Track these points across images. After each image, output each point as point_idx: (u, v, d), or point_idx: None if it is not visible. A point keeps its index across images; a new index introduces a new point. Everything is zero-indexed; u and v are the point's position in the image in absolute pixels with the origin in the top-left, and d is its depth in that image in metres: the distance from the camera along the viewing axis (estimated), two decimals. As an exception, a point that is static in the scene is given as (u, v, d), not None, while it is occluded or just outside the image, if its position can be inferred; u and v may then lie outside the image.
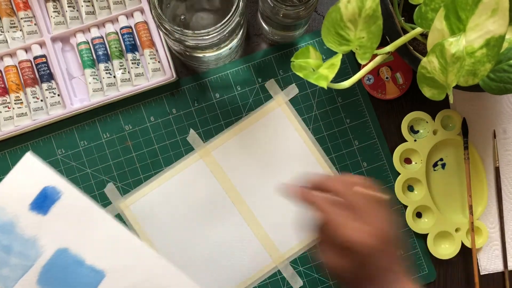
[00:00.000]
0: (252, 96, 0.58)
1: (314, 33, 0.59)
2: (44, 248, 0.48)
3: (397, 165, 0.57)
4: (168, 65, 0.56)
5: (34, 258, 0.48)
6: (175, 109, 0.57)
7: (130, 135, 0.57)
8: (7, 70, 0.55)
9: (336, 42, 0.43)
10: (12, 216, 0.48)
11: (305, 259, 0.57)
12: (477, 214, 0.58)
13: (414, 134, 0.58)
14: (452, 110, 0.58)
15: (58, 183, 0.49)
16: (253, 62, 0.58)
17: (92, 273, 0.48)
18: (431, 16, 0.39)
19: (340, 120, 0.58)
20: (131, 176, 0.57)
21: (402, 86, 0.58)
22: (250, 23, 0.59)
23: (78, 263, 0.48)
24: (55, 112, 0.55)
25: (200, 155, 0.57)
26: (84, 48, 0.56)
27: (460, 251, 0.57)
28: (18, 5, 0.55)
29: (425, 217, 0.58)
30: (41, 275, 0.47)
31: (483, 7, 0.34)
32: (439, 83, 0.40)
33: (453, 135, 0.58)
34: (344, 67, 0.58)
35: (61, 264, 0.47)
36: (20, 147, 0.56)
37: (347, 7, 0.40)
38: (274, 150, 0.57)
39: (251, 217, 0.57)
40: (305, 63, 0.44)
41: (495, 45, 0.35)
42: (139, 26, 0.56)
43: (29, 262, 0.47)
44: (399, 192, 0.57)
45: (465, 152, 0.57)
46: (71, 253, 0.48)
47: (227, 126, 0.58)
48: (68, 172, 0.56)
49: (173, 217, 0.57)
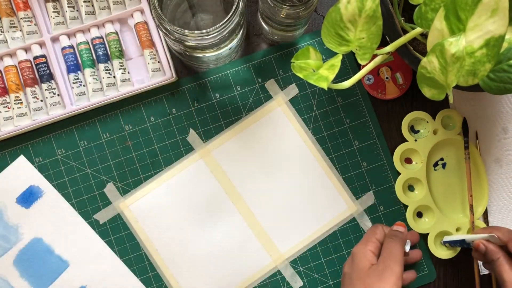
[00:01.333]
0: (252, 96, 0.58)
1: (314, 33, 0.59)
2: (23, 236, 0.56)
3: (398, 165, 0.57)
4: (168, 65, 0.56)
5: (14, 242, 0.56)
6: (175, 109, 0.57)
7: (130, 135, 0.57)
8: (7, 70, 0.55)
9: (336, 42, 0.43)
10: (1, 205, 0.56)
11: (305, 259, 0.57)
12: (477, 213, 0.58)
13: (415, 134, 0.58)
14: (452, 110, 0.58)
15: (42, 183, 0.57)
16: (253, 62, 0.58)
17: (59, 261, 0.56)
18: (431, 16, 0.39)
19: (340, 120, 0.58)
20: (131, 176, 0.57)
21: (402, 86, 0.58)
22: (250, 23, 0.59)
23: (49, 251, 0.56)
24: (55, 112, 0.55)
25: (200, 155, 0.57)
26: (84, 48, 0.56)
27: (460, 251, 0.57)
28: (18, 5, 0.55)
29: (426, 216, 0.58)
30: (18, 257, 0.56)
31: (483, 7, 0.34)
32: (439, 83, 0.39)
33: (453, 135, 0.58)
34: (344, 67, 0.58)
35: (35, 251, 0.56)
36: (20, 147, 0.56)
37: (347, 7, 0.40)
38: (274, 150, 0.57)
39: (251, 217, 0.57)
40: (305, 64, 0.44)
41: (495, 45, 0.35)
42: (139, 26, 0.56)
43: (9, 245, 0.56)
44: (400, 192, 0.57)
45: (466, 151, 0.57)
46: (44, 242, 0.56)
47: (227, 126, 0.58)
48: (68, 172, 0.56)
49: (173, 217, 0.57)
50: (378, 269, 0.47)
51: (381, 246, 0.50)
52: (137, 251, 0.57)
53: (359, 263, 0.48)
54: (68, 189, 0.56)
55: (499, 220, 0.59)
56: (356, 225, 0.58)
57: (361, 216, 0.58)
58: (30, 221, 0.56)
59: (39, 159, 0.56)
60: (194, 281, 0.57)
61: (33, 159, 0.56)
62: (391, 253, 0.48)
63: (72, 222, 0.56)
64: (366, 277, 0.47)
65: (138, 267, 0.57)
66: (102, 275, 0.56)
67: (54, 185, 0.56)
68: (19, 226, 0.56)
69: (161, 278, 0.57)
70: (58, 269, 0.56)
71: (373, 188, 0.58)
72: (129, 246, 0.57)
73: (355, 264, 0.49)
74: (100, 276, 0.56)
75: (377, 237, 0.51)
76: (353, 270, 0.48)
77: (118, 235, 0.57)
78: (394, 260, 0.47)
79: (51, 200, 0.56)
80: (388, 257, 0.47)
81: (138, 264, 0.57)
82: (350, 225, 0.58)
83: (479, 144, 0.59)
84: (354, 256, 0.50)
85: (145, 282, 0.56)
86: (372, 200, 0.58)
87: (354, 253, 0.50)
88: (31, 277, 0.56)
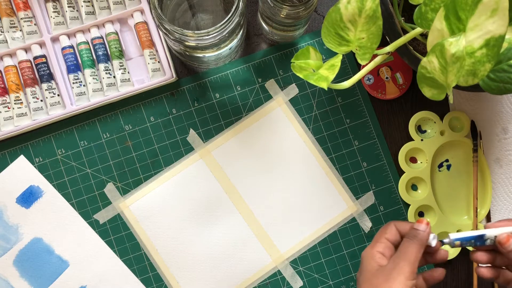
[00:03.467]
0: (252, 96, 0.58)
1: (314, 33, 0.59)
2: (23, 235, 0.56)
3: (402, 163, 0.57)
4: (168, 65, 0.56)
5: (14, 242, 0.56)
6: (175, 109, 0.57)
7: (130, 135, 0.57)
8: (7, 70, 0.55)
9: (336, 42, 0.43)
10: (1, 205, 0.56)
11: (305, 259, 0.57)
12: (480, 216, 0.58)
13: (421, 133, 0.58)
14: (461, 112, 0.57)
15: (42, 183, 0.56)
16: (253, 62, 0.58)
17: (59, 261, 0.56)
18: (431, 16, 0.39)
19: (340, 120, 0.58)
20: (131, 176, 0.57)
21: (402, 86, 0.58)
22: (250, 23, 0.59)
23: (49, 251, 0.56)
24: (55, 112, 0.55)
25: (200, 155, 0.57)
26: (84, 48, 0.56)
27: (460, 251, 0.57)
28: (18, 5, 0.55)
29: (427, 216, 0.58)
30: (18, 257, 0.56)
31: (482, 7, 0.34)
32: (439, 83, 0.39)
33: (460, 137, 0.57)
34: (344, 67, 0.58)
35: (35, 251, 0.56)
36: (20, 147, 0.56)
37: (347, 7, 0.40)
38: (274, 150, 0.57)
39: (251, 217, 0.57)
40: (305, 64, 0.44)
41: (495, 45, 0.35)
42: (139, 26, 0.56)
43: (9, 245, 0.56)
44: (403, 190, 0.57)
45: (474, 154, 0.57)
46: (44, 242, 0.56)
47: (227, 126, 0.58)
48: (68, 172, 0.56)
49: (173, 217, 0.57)
50: (386, 269, 0.44)
51: (394, 246, 0.47)
52: (137, 251, 0.57)
53: (367, 266, 0.46)
54: (68, 189, 0.56)
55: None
56: (356, 225, 0.58)
57: (361, 216, 0.58)
58: (30, 221, 0.56)
59: (39, 159, 0.56)
60: (194, 280, 0.57)
61: (33, 159, 0.56)
62: (403, 253, 0.44)
63: (72, 222, 0.56)
64: (373, 278, 0.44)
65: (138, 267, 0.57)
66: (102, 275, 0.56)
67: (54, 185, 0.56)
68: (19, 226, 0.56)
69: (161, 278, 0.57)
70: (58, 269, 0.56)
71: (373, 188, 0.58)
72: (129, 246, 0.57)
73: (363, 267, 0.46)
74: (100, 276, 0.56)
75: (387, 236, 0.47)
76: (361, 274, 0.46)
77: (118, 235, 0.57)
78: (405, 259, 0.44)
79: (51, 200, 0.56)
80: (399, 256, 0.44)
81: (138, 264, 0.57)
82: (350, 225, 0.58)
83: (482, 145, 0.59)
84: (362, 260, 0.47)
85: (145, 282, 0.56)
86: (372, 200, 0.58)
87: (362, 257, 0.47)
88: (31, 277, 0.56)
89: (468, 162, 0.58)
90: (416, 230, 0.46)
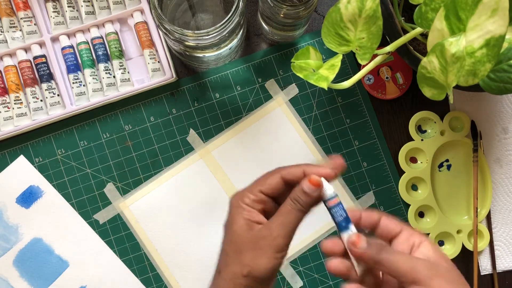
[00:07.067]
0: (252, 96, 0.58)
1: (314, 33, 0.59)
2: (23, 236, 0.56)
3: (402, 163, 0.57)
4: (168, 65, 0.56)
5: (14, 242, 0.56)
6: (175, 109, 0.57)
7: (130, 135, 0.57)
8: (7, 70, 0.55)
9: (336, 42, 0.43)
10: (1, 205, 0.56)
11: (305, 259, 0.57)
12: (480, 216, 0.58)
13: (422, 133, 0.58)
14: (461, 112, 0.57)
15: (42, 183, 0.56)
16: (253, 62, 0.58)
17: (59, 262, 0.56)
18: (431, 16, 0.39)
19: (340, 120, 0.58)
20: (131, 176, 0.57)
21: (402, 86, 0.58)
22: (250, 23, 0.59)
23: (49, 251, 0.56)
24: (55, 112, 0.55)
25: (200, 155, 0.57)
26: (84, 48, 0.56)
27: (460, 251, 0.57)
28: (18, 5, 0.55)
29: (427, 217, 0.58)
30: (18, 257, 0.56)
31: (483, 7, 0.34)
32: (439, 83, 0.39)
33: (460, 137, 0.57)
34: (344, 67, 0.58)
35: (35, 251, 0.56)
36: (20, 147, 0.56)
37: (347, 7, 0.40)
38: (274, 150, 0.57)
39: (251, 217, 0.57)
40: (305, 64, 0.44)
41: (495, 45, 0.35)
42: (138, 26, 0.56)
43: (9, 245, 0.56)
44: (403, 190, 0.57)
45: (474, 154, 0.57)
46: (44, 242, 0.56)
47: (227, 126, 0.57)
48: (68, 172, 0.56)
49: (173, 217, 0.57)
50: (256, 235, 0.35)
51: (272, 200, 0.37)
52: (137, 251, 0.57)
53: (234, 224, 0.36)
54: (68, 189, 0.56)
55: (499, 220, 0.59)
56: (356, 225, 0.58)
57: (361, 216, 0.58)
58: (30, 221, 0.56)
59: (39, 159, 0.56)
60: (194, 281, 0.56)
61: (33, 159, 0.56)
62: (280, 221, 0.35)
63: (72, 222, 0.56)
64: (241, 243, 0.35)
65: (138, 267, 0.57)
66: (102, 275, 0.56)
67: (54, 185, 0.56)
68: (19, 226, 0.56)
69: (161, 278, 0.57)
70: (58, 269, 0.56)
71: (373, 188, 0.58)
72: (129, 246, 0.57)
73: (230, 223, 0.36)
74: (100, 276, 0.56)
75: (262, 189, 0.36)
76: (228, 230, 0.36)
77: (118, 235, 0.56)
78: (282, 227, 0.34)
79: (51, 200, 0.56)
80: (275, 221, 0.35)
81: (138, 264, 0.57)
82: (350, 225, 0.58)
83: (482, 145, 0.59)
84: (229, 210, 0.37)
85: (145, 282, 0.56)
86: (372, 200, 0.58)
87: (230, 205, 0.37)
88: (31, 277, 0.56)
89: (468, 162, 0.58)
90: (302, 193, 0.35)
